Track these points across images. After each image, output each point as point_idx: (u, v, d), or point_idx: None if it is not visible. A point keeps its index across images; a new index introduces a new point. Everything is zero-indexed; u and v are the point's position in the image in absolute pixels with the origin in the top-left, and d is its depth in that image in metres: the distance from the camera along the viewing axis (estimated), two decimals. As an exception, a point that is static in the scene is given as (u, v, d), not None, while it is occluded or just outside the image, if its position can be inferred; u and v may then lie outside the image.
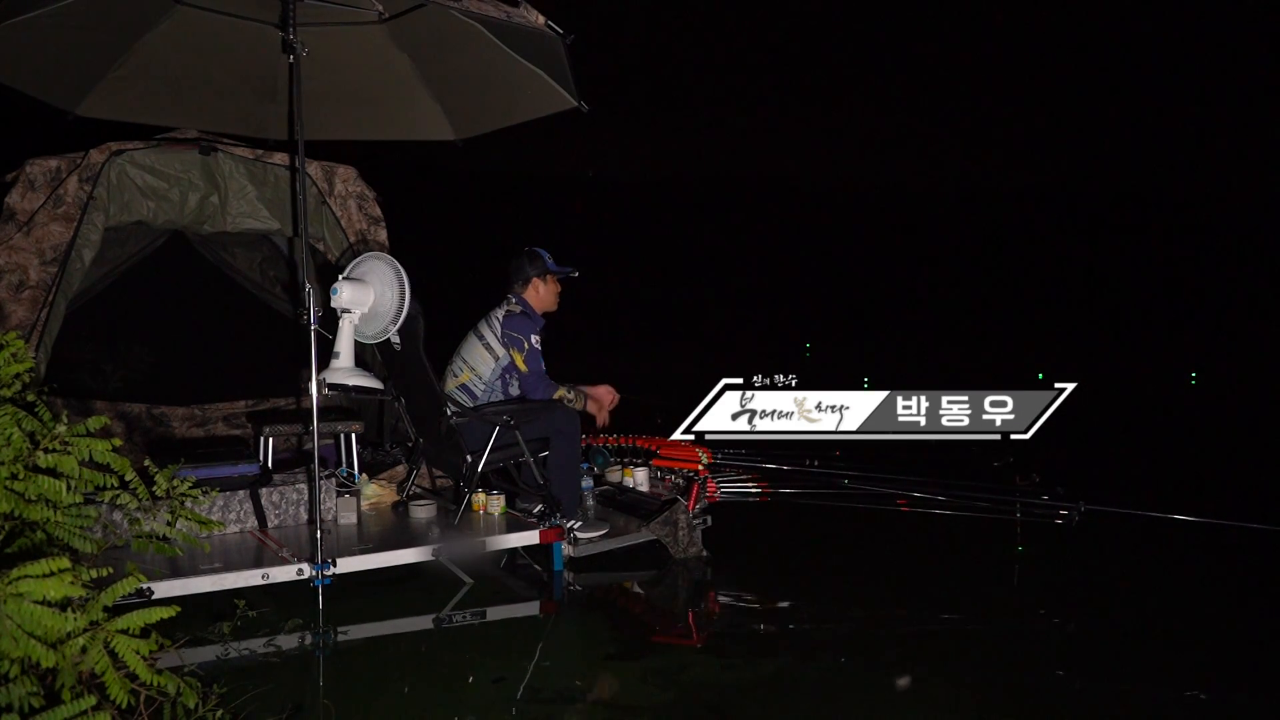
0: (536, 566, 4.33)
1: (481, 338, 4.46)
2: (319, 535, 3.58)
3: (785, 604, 3.99)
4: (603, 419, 4.63)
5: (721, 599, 4.07)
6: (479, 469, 4.24)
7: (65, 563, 1.87)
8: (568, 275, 4.62)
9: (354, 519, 4.30)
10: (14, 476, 2.11)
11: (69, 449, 2.19)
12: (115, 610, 2.00)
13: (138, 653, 1.95)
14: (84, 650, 1.91)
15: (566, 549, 4.23)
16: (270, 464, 4.54)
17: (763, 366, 4.87)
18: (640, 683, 3.08)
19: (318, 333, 3.59)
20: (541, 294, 4.55)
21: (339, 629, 3.54)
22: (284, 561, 3.60)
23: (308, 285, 3.60)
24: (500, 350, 4.39)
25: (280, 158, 5.10)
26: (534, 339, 4.39)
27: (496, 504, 4.41)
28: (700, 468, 4.72)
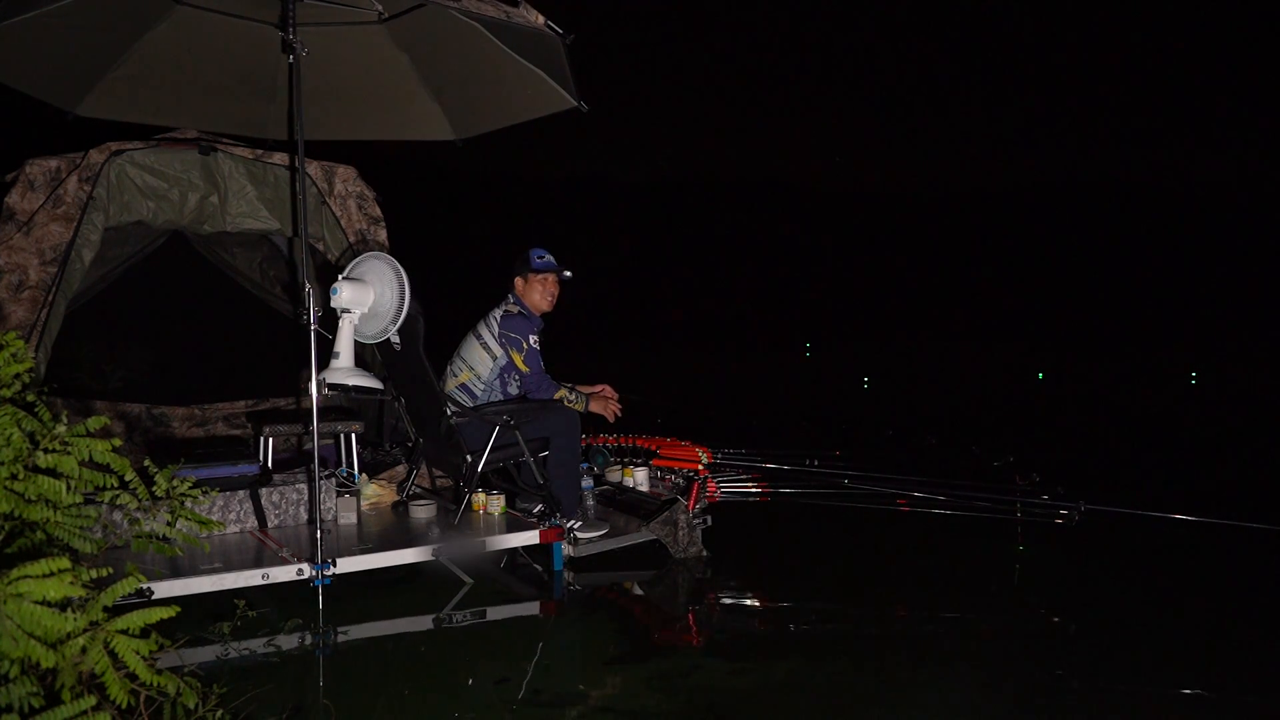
0: (536, 566, 4.33)
1: (480, 338, 4.45)
2: (319, 535, 3.58)
3: (786, 604, 3.99)
4: (614, 409, 4.60)
5: (722, 599, 4.07)
6: (479, 469, 4.24)
7: (65, 563, 1.87)
8: (559, 275, 4.57)
9: (354, 519, 4.30)
10: (14, 476, 2.11)
11: (69, 449, 2.19)
12: (115, 610, 2.00)
13: (138, 653, 1.94)
14: (84, 650, 1.91)
15: (566, 549, 4.23)
16: (270, 464, 4.54)
17: (763, 366, 4.88)
18: (646, 687, 3.07)
19: (318, 333, 3.59)
20: (526, 294, 4.52)
21: (339, 629, 3.54)
22: (284, 561, 3.61)
23: (308, 285, 3.60)
24: (498, 350, 4.39)
25: (280, 158, 5.10)
26: (532, 339, 4.39)
27: (496, 504, 4.41)
28: (700, 467, 4.73)
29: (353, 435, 4.90)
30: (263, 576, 3.52)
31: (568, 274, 4.58)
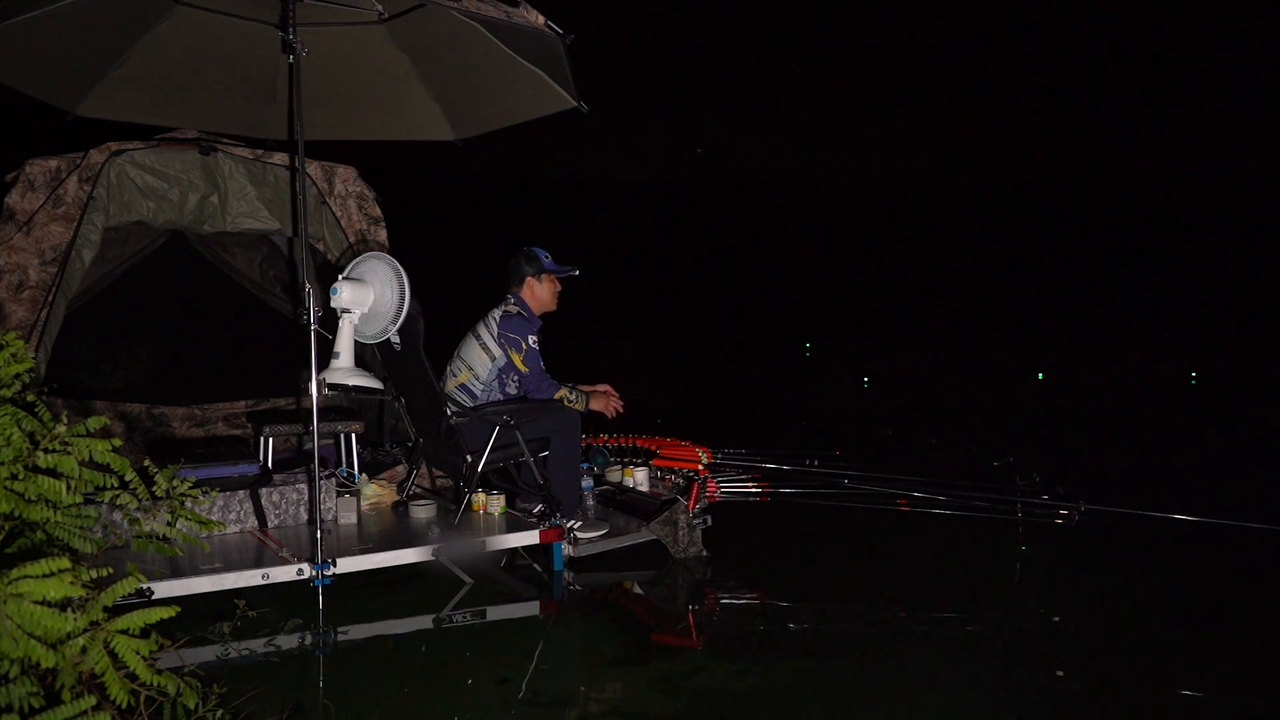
0: (536, 566, 4.33)
1: (479, 338, 4.46)
2: (319, 535, 3.58)
3: (786, 604, 3.99)
4: (615, 405, 4.60)
5: (722, 599, 4.07)
6: (479, 469, 4.24)
7: (65, 563, 1.87)
8: (567, 274, 4.61)
9: (354, 519, 4.30)
10: (14, 476, 2.11)
11: (69, 449, 2.19)
12: (115, 610, 2.00)
13: (138, 653, 1.95)
14: (84, 650, 1.91)
15: (566, 549, 4.23)
16: (270, 464, 4.54)
17: (762, 366, 4.88)
18: (647, 688, 3.06)
19: (318, 333, 3.59)
20: (538, 294, 4.54)
21: (339, 629, 3.54)
22: (284, 561, 3.61)
23: (308, 285, 3.60)
24: (497, 351, 4.39)
25: (280, 158, 5.10)
26: (531, 339, 4.39)
27: (496, 504, 4.41)
28: (700, 467, 4.72)
29: (353, 435, 4.90)
30: (263, 576, 3.52)
31: (575, 271, 4.61)
